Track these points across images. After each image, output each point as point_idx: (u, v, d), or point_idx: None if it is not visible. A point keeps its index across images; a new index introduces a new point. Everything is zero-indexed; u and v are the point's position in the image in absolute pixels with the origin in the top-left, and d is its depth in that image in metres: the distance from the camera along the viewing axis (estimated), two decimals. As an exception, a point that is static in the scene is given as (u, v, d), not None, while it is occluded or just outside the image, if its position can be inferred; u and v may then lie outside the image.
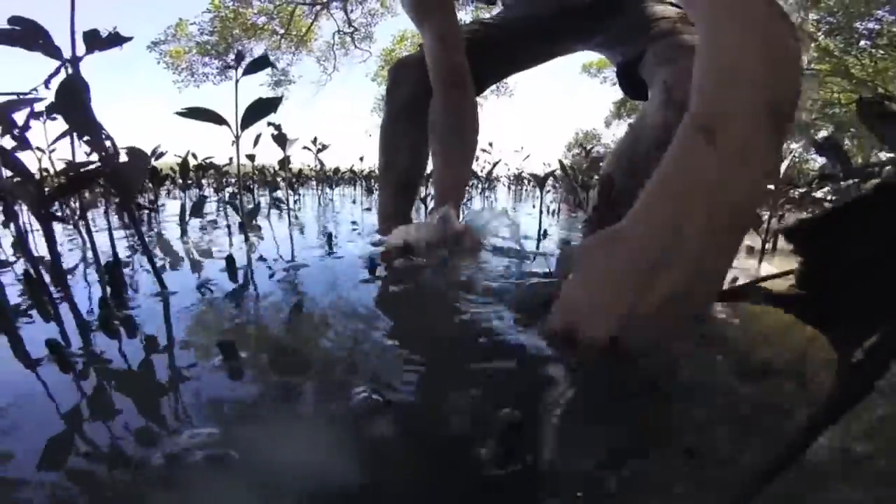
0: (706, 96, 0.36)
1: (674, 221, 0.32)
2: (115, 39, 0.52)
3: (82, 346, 0.43)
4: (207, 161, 2.38)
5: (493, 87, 1.14)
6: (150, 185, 1.54)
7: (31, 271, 0.53)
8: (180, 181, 1.44)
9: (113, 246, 0.62)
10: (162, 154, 1.88)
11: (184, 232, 0.99)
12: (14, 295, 0.56)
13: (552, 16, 0.95)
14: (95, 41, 0.52)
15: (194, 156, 2.35)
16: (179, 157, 2.32)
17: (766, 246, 0.86)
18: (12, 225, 0.57)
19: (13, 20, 0.51)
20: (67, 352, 0.40)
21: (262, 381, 0.36)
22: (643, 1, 0.86)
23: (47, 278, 0.54)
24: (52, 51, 0.52)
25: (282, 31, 10.15)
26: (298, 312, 0.51)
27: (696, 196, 0.32)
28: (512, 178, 3.91)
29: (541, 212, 1.14)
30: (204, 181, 2.58)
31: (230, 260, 0.66)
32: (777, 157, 0.37)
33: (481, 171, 3.03)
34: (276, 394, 0.34)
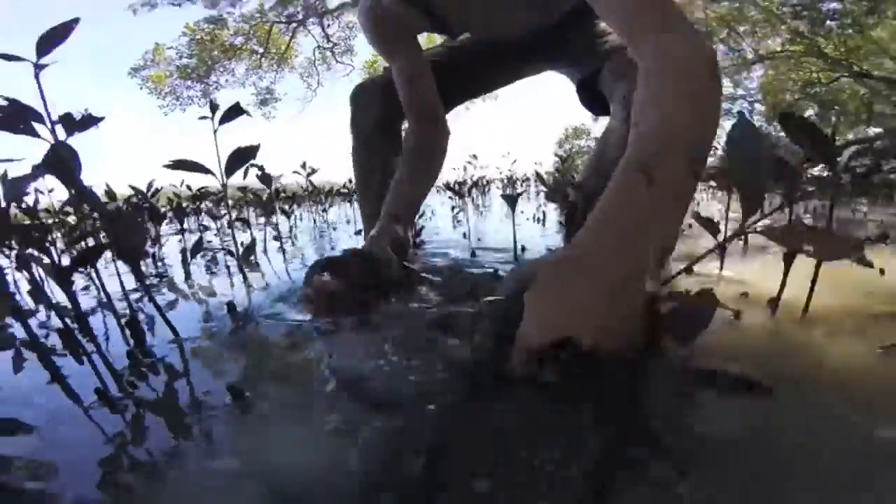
0: (646, 143, 0.44)
1: (617, 248, 0.39)
2: (90, 121, 0.57)
3: (120, 391, 0.49)
4: (202, 190, 2.44)
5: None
6: (151, 223, 1.59)
7: (65, 327, 0.59)
8: (177, 223, 1.47)
9: (128, 300, 0.68)
10: (158, 190, 1.93)
11: (187, 275, 1.05)
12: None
13: (517, 38, 0.98)
14: (73, 125, 0.57)
15: (189, 187, 2.41)
16: (174, 186, 2.38)
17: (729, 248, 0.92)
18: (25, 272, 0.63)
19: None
20: (112, 396, 0.47)
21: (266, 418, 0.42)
22: (595, 17, 0.88)
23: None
24: (33, 132, 0.57)
25: (261, 50, 10.19)
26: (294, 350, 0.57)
27: (636, 229, 0.40)
28: (505, 181, 4.03)
29: (514, 225, 1.18)
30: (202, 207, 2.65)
31: (231, 307, 0.73)
32: (693, 194, 0.46)
33: (470, 180, 3.09)
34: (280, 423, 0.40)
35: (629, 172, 0.42)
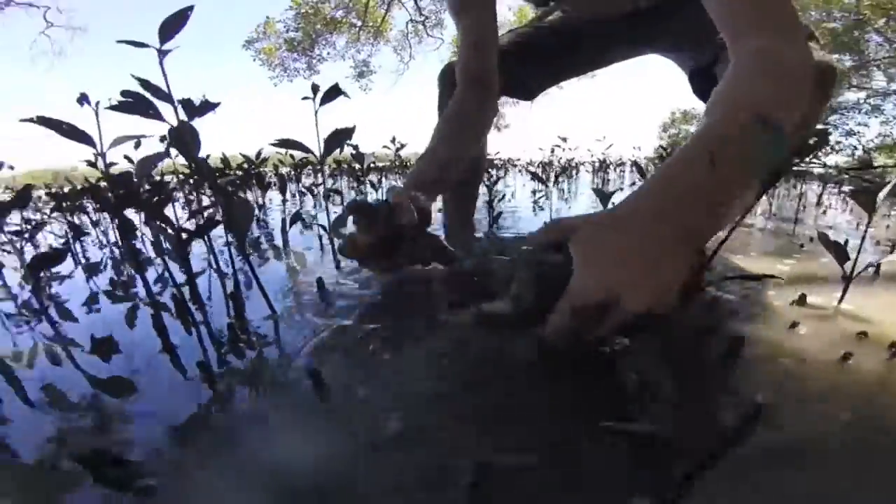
0: (722, 127, 0.42)
1: (672, 213, 0.39)
2: (207, 106, 0.62)
3: (220, 365, 0.54)
4: (303, 160, 2.65)
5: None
6: (258, 187, 1.74)
7: (177, 293, 0.67)
8: (280, 193, 1.58)
9: (235, 276, 0.74)
10: (265, 160, 2.11)
11: (285, 244, 1.13)
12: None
13: (615, 20, 0.91)
14: (193, 110, 0.63)
15: (292, 156, 2.62)
16: (279, 153, 2.61)
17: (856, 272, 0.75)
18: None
19: (125, 94, 0.62)
20: (212, 370, 0.51)
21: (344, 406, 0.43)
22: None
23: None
24: (159, 117, 0.63)
25: (359, 24, 10.49)
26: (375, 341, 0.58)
27: (694, 197, 0.40)
28: (597, 166, 3.79)
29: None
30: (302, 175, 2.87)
31: (320, 283, 0.76)
32: (753, 199, 0.44)
33: (557, 163, 2.94)
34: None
35: (696, 152, 0.42)
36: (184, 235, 0.63)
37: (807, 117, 0.66)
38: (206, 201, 1.66)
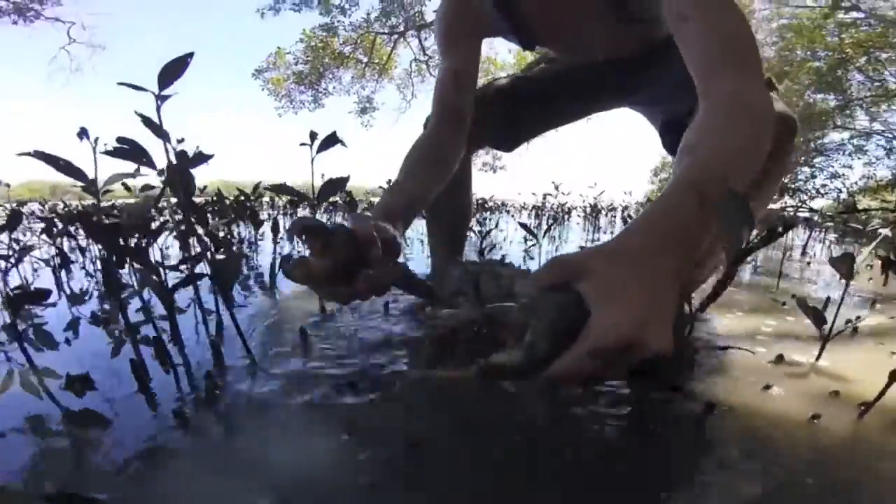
0: (704, 168, 0.44)
1: (667, 249, 0.39)
2: (200, 158, 0.63)
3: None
4: (297, 198, 2.66)
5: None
6: (251, 224, 1.74)
7: (157, 334, 0.67)
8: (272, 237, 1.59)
9: (218, 318, 0.74)
10: (261, 196, 2.12)
11: (273, 283, 1.13)
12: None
13: (597, 69, 0.94)
14: (187, 161, 0.65)
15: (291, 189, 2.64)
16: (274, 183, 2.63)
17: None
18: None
19: (121, 140, 0.63)
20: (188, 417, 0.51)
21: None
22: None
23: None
24: (152, 165, 0.64)
25: (365, 60, 10.86)
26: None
27: (685, 233, 0.41)
28: (588, 210, 3.84)
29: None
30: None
31: (303, 332, 0.76)
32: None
33: (550, 210, 2.99)
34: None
35: (683, 190, 0.43)
36: (169, 274, 0.62)
37: (773, 171, 0.69)
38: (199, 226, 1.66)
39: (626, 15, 0.77)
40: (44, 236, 1.60)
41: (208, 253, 0.73)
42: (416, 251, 1.95)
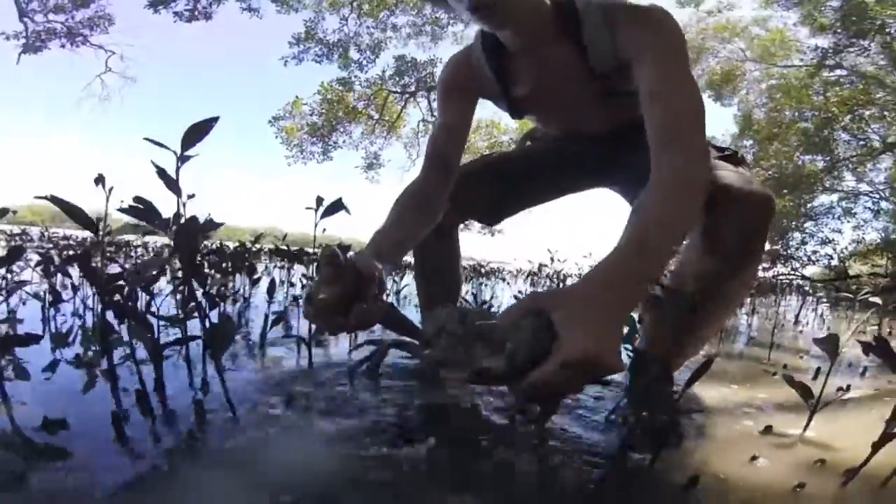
0: (646, 228, 0.56)
1: (605, 297, 0.49)
2: (210, 225, 0.67)
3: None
4: (297, 251, 2.70)
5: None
6: (248, 280, 1.75)
7: (141, 389, 0.66)
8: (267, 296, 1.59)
9: (204, 380, 0.73)
10: (259, 242, 2.15)
11: (262, 342, 1.12)
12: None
13: (579, 149, 0.99)
14: (196, 228, 0.68)
15: (287, 246, 2.67)
16: (276, 238, 2.66)
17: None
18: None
19: (137, 199, 0.67)
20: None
21: None
22: None
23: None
24: (164, 228, 0.66)
25: (376, 116, 11.34)
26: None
27: (626, 277, 0.52)
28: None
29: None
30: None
31: (289, 399, 0.76)
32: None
33: (546, 277, 3.03)
34: None
35: (628, 248, 0.55)
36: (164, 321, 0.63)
37: (753, 253, 0.77)
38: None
39: (610, 87, 0.82)
40: (38, 269, 1.60)
41: (202, 311, 0.74)
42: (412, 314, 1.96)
